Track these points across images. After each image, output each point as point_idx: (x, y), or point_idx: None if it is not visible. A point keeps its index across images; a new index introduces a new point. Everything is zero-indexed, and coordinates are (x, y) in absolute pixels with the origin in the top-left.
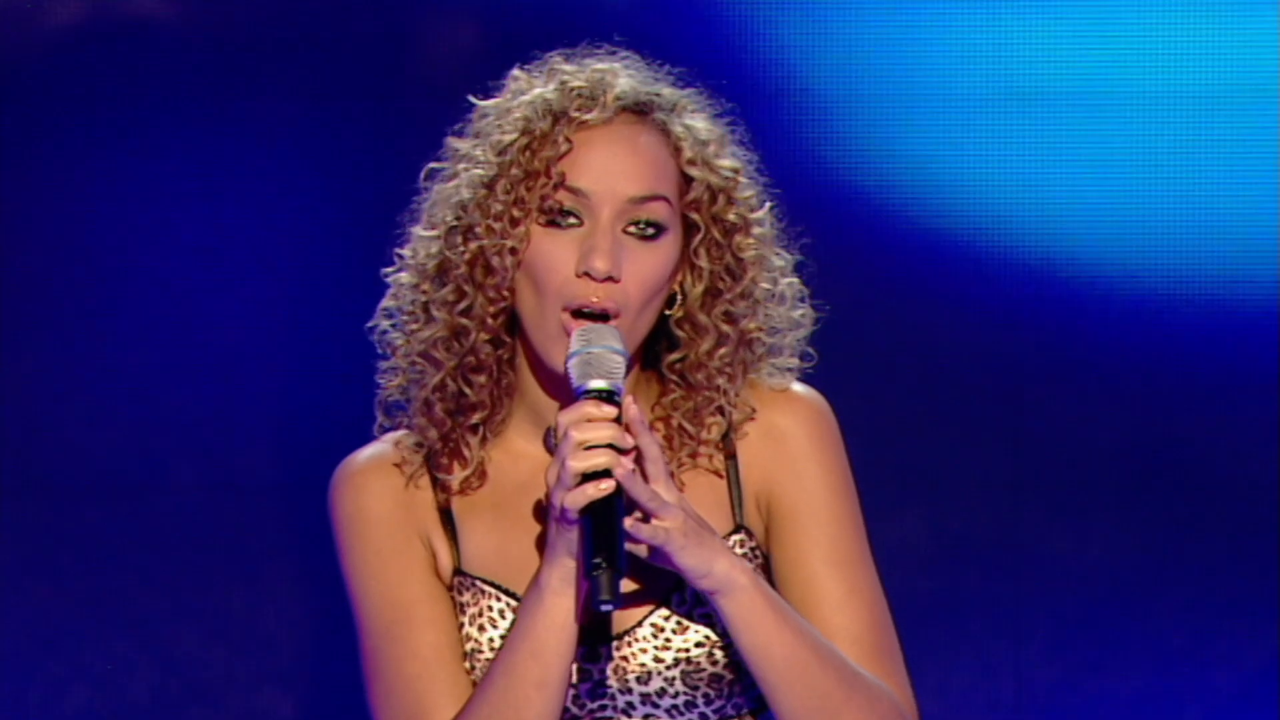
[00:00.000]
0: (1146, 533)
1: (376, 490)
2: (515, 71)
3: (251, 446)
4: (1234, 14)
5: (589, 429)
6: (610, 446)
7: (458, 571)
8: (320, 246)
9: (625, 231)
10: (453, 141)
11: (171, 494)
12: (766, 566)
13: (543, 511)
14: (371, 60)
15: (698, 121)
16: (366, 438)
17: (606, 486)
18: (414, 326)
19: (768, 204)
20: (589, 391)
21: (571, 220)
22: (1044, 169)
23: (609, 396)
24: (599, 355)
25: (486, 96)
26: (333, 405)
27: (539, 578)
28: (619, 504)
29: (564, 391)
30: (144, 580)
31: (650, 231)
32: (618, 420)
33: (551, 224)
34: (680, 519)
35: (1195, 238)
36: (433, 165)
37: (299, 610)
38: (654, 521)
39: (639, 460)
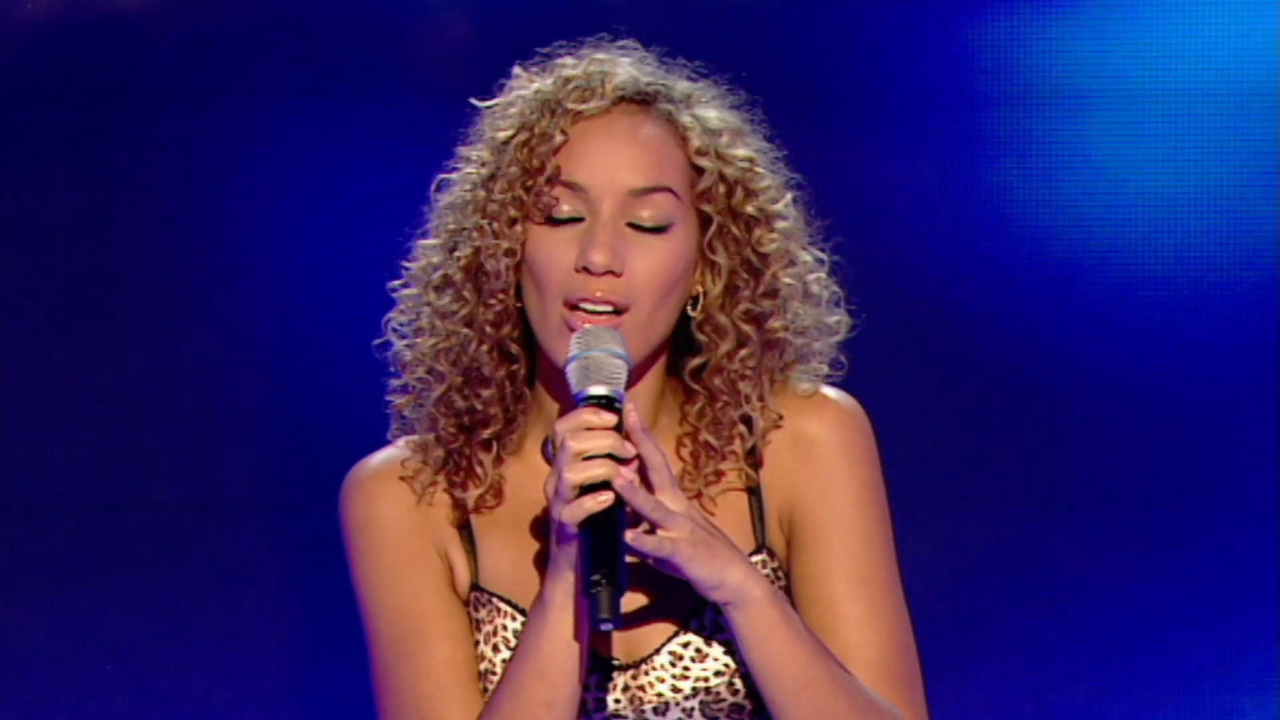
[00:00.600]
0: (1170, 553)
1: (390, 497)
2: (517, 69)
3: (234, 462)
4: (1247, 12)
5: (586, 438)
6: (610, 456)
7: (475, 586)
8: (306, 253)
9: (629, 225)
10: (461, 151)
11: (150, 511)
12: (788, 589)
13: None
14: (362, 58)
15: (709, 111)
16: (356, 454)
17: (605, 499)
18: (418, 339)
19: (790, 195)
20: (588, 398)
21: (571, 216)
22: (1065, 172)
23: (609, 403)
24: (598, 359)
25: (490, 98)
26: (320, 420)
27: (543, 594)
28: (620, 517)
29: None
30: (121, 601)
31: (655, 224)
32: (618, 428)
33: (550, 221)
34: (688, 529)
35: (1227, 241)
36: (443, 177)
37: (285, 635)
38: (660, 533)
39: (642, 469)
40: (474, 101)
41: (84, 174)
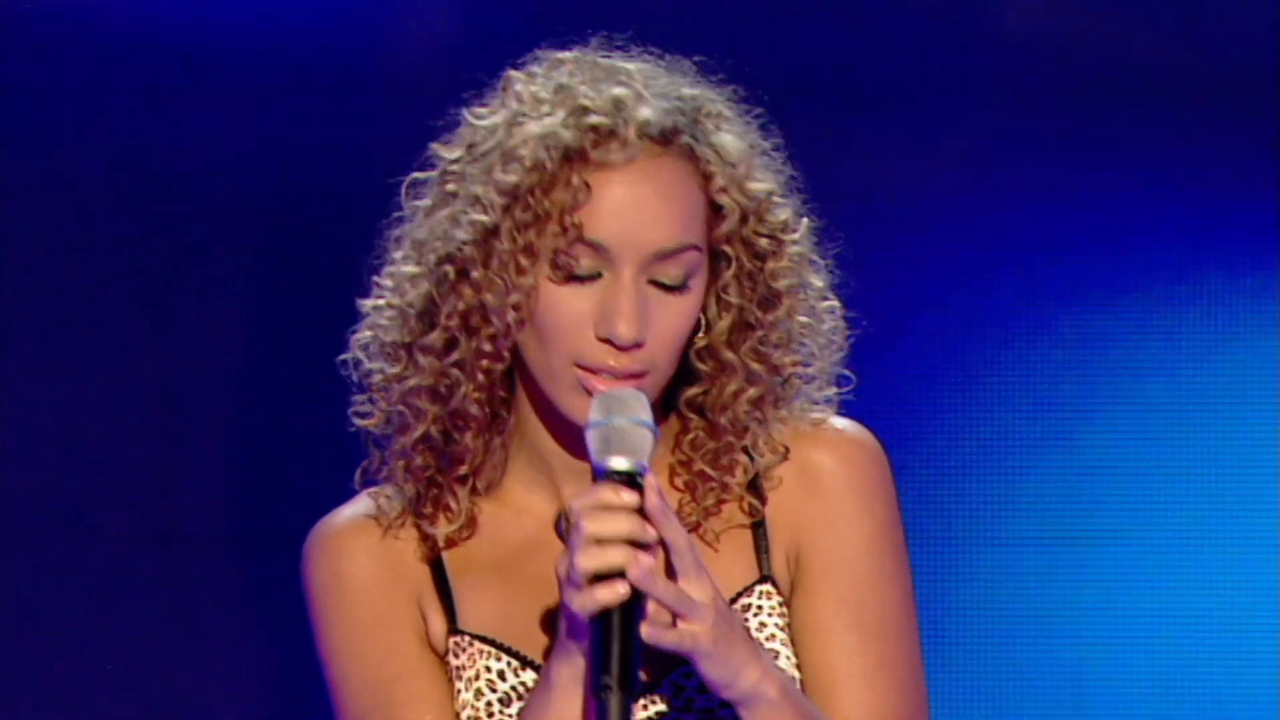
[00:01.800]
0: (1217, 593)
1: (356, 554)
2: (512, 74)
3: (193, 491)
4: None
5: (604, 520)
6: (629, 541)
7: (453, 631)
8: (271, 268)
9: (650, 283)
10: (441, 151)
11: (101, 544)
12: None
13: (552, 568)
14: (333, 54)
15: (726, 137)
16: (325, 482)
17: (623, 592)
18: (395, 370)
19: (805, 221)
20: (609, 474)
21: (589, 274)
22: (1110, 170)
23: (631, 479)
24: (622, 430)
25: (473, 98)
26: (287, 446)
27: (548, 674)
28: (637, 610)
29: (572, 435)
30: (70, 645)
31: (679, 282)
32: (640, 510)
33: (568, 280)
34: (710, 620)
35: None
36: (416, 176)
37: (251, 683)
38: (680, 625)
39: (665, 553)
40: (468, 117)
41: (31, 179)
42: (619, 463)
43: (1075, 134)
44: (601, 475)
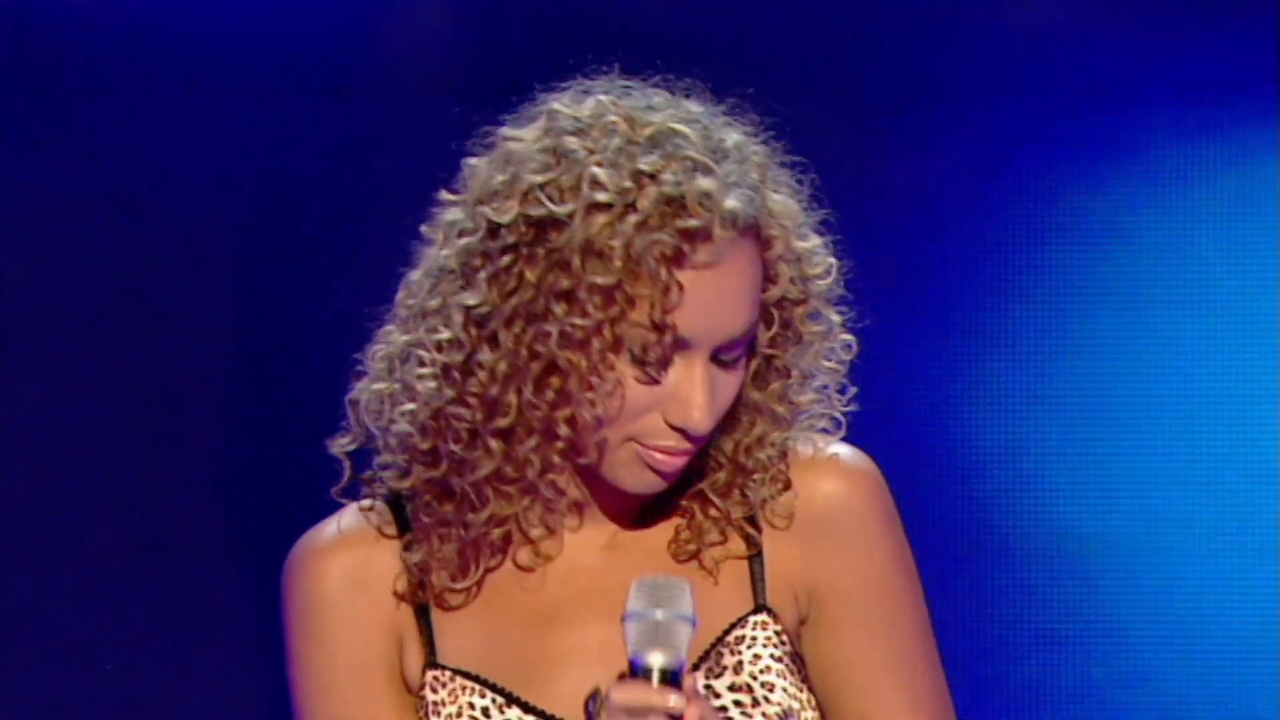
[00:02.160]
0: (1223, 598)
1: (336, 577)
2: (569, 141)
3: (188, 496)
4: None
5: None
6: None
7: (432, 665)
8: (268, 272)
9: (711, 360)
10: (493, 216)
11: (96, 550)
12: (794, 656)
13: (542, 598)
14: (333, 54)
15: (777, 197)
16: (321, 487)
17: None
18: (456, 448)
19: (835, 267)
20: (646, 670)
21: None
22: (1122, 172)
23: (671, 676)
24: (666, 625)
25: (477, 128)
26: (284, 449)
27: None
28: None
29: (600, 485)
30: (66, 650)
31: (738, 357)
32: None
33: (653, 380)
34: None
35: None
36: (469, 243)
37: (246, 688)
38: None
39: None
40: (539, 196)
41: (28, 180)
42: (657, 659)
43: (1079, 134)
44: (639, 669)
